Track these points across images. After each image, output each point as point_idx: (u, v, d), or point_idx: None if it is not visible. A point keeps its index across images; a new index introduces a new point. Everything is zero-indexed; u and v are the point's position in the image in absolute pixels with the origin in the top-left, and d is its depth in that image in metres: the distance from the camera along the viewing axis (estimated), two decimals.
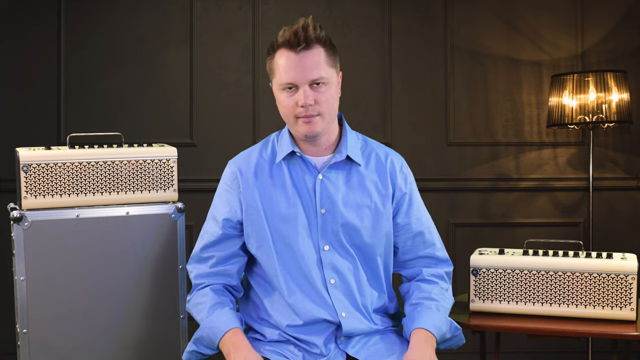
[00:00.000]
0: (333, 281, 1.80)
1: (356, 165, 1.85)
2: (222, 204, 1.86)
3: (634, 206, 3.52)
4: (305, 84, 1.72)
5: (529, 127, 3.51)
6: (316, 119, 1.75)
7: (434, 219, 1.97)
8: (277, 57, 1.75)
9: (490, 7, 3.51)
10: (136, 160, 2.12)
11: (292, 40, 1.71)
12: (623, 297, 2.09)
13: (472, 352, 2.76)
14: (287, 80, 1.73)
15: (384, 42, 3.49)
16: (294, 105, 1.74)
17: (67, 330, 2.04)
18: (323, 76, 1.74)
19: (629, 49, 3.48)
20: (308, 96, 1.72)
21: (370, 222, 1.83)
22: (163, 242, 2.12)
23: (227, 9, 3.48)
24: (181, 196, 2.26)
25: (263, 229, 1.81)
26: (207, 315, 1.79)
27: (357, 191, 1.83)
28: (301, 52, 1.72)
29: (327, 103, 1.75)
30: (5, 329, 2.90)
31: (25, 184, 2.01)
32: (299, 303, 1.79)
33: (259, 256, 1.83)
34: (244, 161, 1.87)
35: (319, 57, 1.73)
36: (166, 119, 3.46)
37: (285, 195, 1.81)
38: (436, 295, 1.85)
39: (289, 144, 1.82)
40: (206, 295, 1.83)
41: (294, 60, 1.72)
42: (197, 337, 1.80)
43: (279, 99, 1.77)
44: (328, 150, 1.84)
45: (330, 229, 1.81)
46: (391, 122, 3.50)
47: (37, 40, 3.42)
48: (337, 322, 1.79)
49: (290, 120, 1.77)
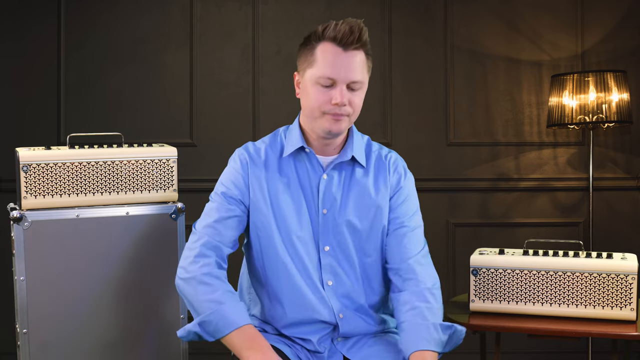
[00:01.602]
0: (330, 283, 1.79)
1: (359, 166, 1.84)
2: (227, 184, 1.82)
3: (634, 206, 3.52)
4: (344, 83, 1.72)
5: (529, 127, 3.51)
6: (344, 118, 1.74)
7: (434, 219, 1.97)
8: (320, 49, 1.72)
9: (490, 7, 3.51)
10: (136, 160, 2.12)
11: (346, 38, 1.71)
12: (623, 297, 2.09)
13: (472, 352, 2.76)
14: (330, 75, 1.71)
15: (384, 42, 3.49)
16: (326, 101, 1.72)
17: (67, 330, 2.04)
18: (361, 80, 1.74)
19: (629, 49, 3.48)
20: (344, 96, 1.71)
21: (370, 224, 1.82)
22: (163, 242, 2.12)
23: (227, 10, 3.48)
24: (181, 196, 2.26)
25: (269, 224, 1.79)
26: (219, 302, 1.69)
27: (359, 192, 1.83)
28: (349, 51, 1.71)
29: (357, 106, 1.76)
30: (5, 329, 2.90)
31: (25, 184, 2.01)
32: (297, 302, 1.78)
33: (262, 245, 1.80)
34: (254, 150, 1.85)
35: (362, 60, 1.74)
36: (166, 119, 3.46)
37: (292, 192, 1.81)
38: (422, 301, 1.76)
39: (298, 139, 1.81)
40: (219, 278, 1.73)
41: (341, 58, 1.71)
42: (203, 320, 1.68)
43: (311, 91, 1.74)
44: (335, 150, 1.84)
45: (331, 229, 1.80)
46: (391, 122, 3.50)
47: (37, 40, 3.42)
48: (335, 323, 1.79)
49: (316, 113, 1.75)
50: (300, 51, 1.80)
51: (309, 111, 1.77)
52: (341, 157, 1.82)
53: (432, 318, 1.74)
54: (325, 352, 1.79)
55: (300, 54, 1.79)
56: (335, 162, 1.81)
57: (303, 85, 1.78)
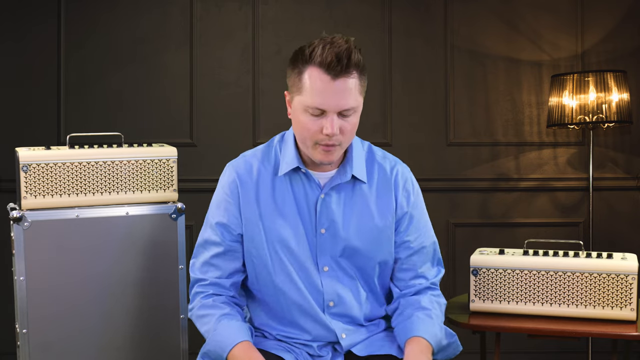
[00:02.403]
0: (332, 304, 1.74)
1: (360, 183, 1.76)
2: (220, 213, 1.76)
3: (634, 206, 3.51)
4: (335, 113, 1.62)
5: (529, 127, 3.51)
6: (336, 148, 1.65)
7: (434, 219, 1.94)
8: (308, 75, 1.61)
9: (490, 7, 3.51)
10: (136, 160, 2.12)
11: (333, 65, 1.58)
12: (623, 297, 2.09)
13: (472, 352, 2.76)
14: (318, 105, 1.60)
15: (384, 42, 3.49)
16: (317, 131, 1.63)
17: (67, 330, 2.04)
18: (354, 106, 1.63)
19: (629, 49, 3.48)
20: (335, 125, 1.61)
21: (371, 243, 1.75)
22: (163, 242, 2.12)
23: (227, 10, 3.48)
24: (181, 196, 2.26)
25: (262, 247, 1.73)
26: (214, 328, 1.68)
27: (359, 211, 1.75)
28: (339, 79, 1.59)
29: (350, 132, 1.66)
30: (5, 329, 2.90)
31: (25, 184, 2.01)
32: (296, 324, 1.75)
33: (258, 272, 1.76)
34: (245, 169, 1.76)
35: (354, 85, 1.62)
36: (166, 119, 3.46)
37: (287, 212, 1.73)
38: (427, 304, 1.76)
39: (293, 159, 1.72)
40: (213, 306, 1.72)
41: (328, 87, 1.59)
42: (204, 352, 1.69)
43: (300, 119, 1.65)
44: (333, 166, 1.74)
45: (330, 249, 1.73)
46: (391, 122, 3.50)
47: (37, 40, 3.42)
48: (336, 341, 1.75)
49: (308, 143, 1.66)
50: (288, 70, 1.68)
51: (301, 139, 1.69)
52: (340, 176, 1.73)
53: (438, 320, 1.74)
54: (327, 356, 1.75)
55: (289, 75, 1.68)
56: (334, 182, 1.73)
57: (293, 110, 1.68)
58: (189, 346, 2.19)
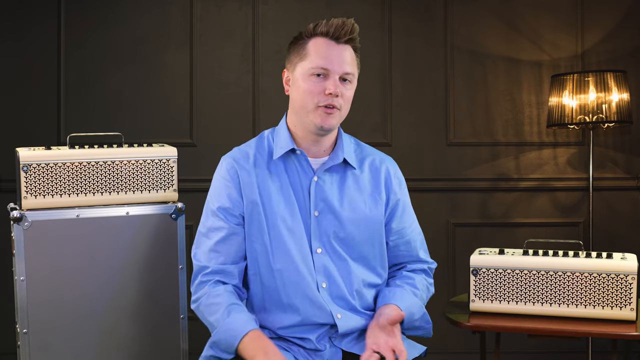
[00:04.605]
0: (325, 285, 1.78)
1: (351, 168, 1.85)
2: (221, 199, 1.80)
3: (634, 206, 3.52)
4: (337, 75, 1.74)
5: (529, 127, 3.51)
6: (336, 112, 1.75)
7: (433, 219, 1.97)
8: (313, 43, 1.76)
9: (490, 7, 3.51)
10: (136, 160, 2.13)
11: (338, 31, 1.75)
12: (623, 297, 2.09)
13: (472, 352, 2.77)
14: (324, 65, 1.73)
15: (384, 42, 3.49)
16: (320, 92, 1.73)
17: (67, 330, 2.04)
18: (353, 72, 1.77)
19: (629, 49, 3.48)
20: (338, 86, 1.73)
21: (363, 225, 1.82)
22: (163, 242, 2.12)
23: (227, 10, 3.48)
24: (181, 196, 2.26)
25: (262, 228, 1.78)
26: (223, 317, 1.70)
27: (351, 194, 1.82)
28: (342, 44, 1.76)
29: (348, 101, 1.78)
30: (5, 329, 2.90)
31: (25, 184, 2.01)
32: (293, 305, 1.77)
33: (258, 254, 1.79)
34: (241, 156, 1.83)
35: (353, 55, 1.78)
36: (166, 119, 3.46)
37: (283, 194, 1.79)
38: (417, 283, 1.87)
39: (288, 141, 1.80)
40: (220, 295, 1.74)
41: (334, 49, 1.74)
42: (213, 341, 1.71)
43: (303, 84, 1.75)
44: (326, 152, 1.84)
45: (324, 231, 1.79)
46: (391, 122, 3.50)
47: (37, 40, 3.42)
48: (332, 323, 1.78)
49: (310, 107, 1.74)
50: (290, 49, 1.82)
51: (300, 106, 1.77)
52: (332, 159, 1.82)
53: (420, 302, 1.84)
54: (325, 350, 1.78)
55: (291, 51, 1.81)
56: (327, 165, 1.81)
57: (294, 81, 1.78)
58: (189, 346, 2.19)
